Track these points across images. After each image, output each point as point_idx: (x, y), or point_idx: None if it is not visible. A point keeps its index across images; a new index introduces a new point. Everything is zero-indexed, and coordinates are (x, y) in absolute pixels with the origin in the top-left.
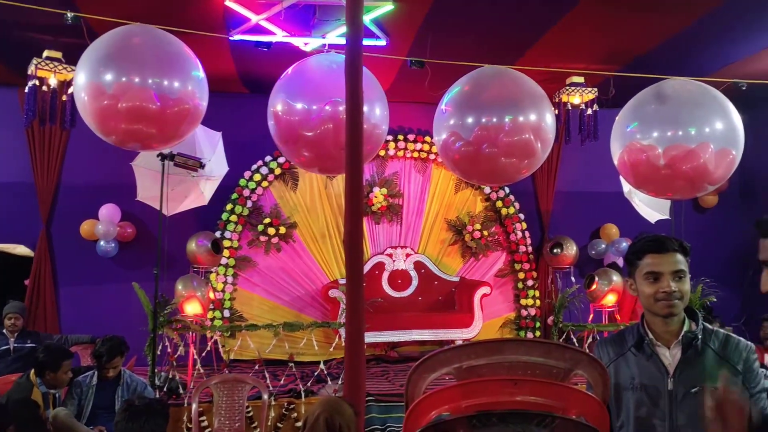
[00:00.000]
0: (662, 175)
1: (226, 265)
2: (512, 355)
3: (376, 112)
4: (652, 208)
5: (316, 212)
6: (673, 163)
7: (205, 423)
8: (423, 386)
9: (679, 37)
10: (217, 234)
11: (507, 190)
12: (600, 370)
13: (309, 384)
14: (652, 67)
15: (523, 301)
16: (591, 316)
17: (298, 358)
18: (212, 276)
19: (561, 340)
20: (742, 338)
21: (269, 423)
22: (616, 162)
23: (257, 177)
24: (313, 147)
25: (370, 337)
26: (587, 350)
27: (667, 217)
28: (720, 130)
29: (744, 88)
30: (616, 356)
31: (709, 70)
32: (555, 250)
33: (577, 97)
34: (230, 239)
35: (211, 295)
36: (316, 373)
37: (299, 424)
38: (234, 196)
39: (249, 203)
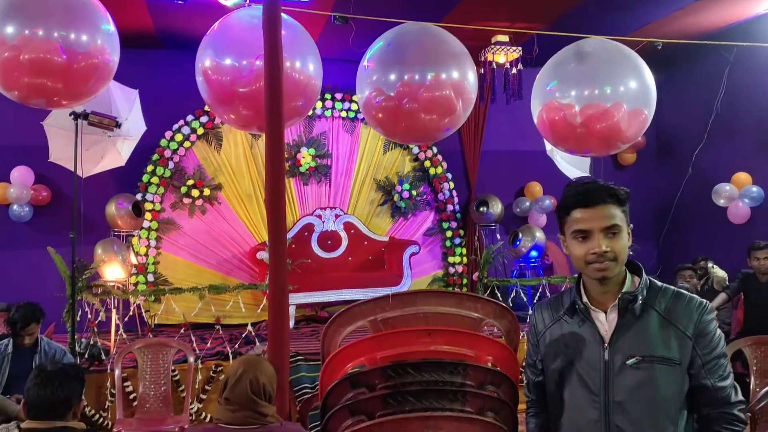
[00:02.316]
0: (578, 134)
1: (149, 229)
2: (425, 306)
3: (310, 66)
4: (573, 166)
5: (242, 173)
6: (589, 121)
7: (130, 388)
8: (339, 340)
9: None
10: (138, 196)
11: (435, 149)
12: (510, 318)
13: (237, 346)
14: (574, 26)
15: (450, 259)
16: (515, 271)
17: (226, 321)
18: (134, 240)
19: (486, 295)
20: (696, 296)
21: (197, 386)
22: (535, 120)
23: (179, 137)
24: (250, 104)
25: (300, 298)
26: (510, 304)
27: (587, 174)
28: (633, 90)
29: (660, 48)
30: (551, 322)
31: (627, 29)
32: (481, 209)
33: (502, 56)
34: (152, 201)
35: (133, 259)
36: (244, 335)
37: None
38: (155, 157)
39: (171, 164)
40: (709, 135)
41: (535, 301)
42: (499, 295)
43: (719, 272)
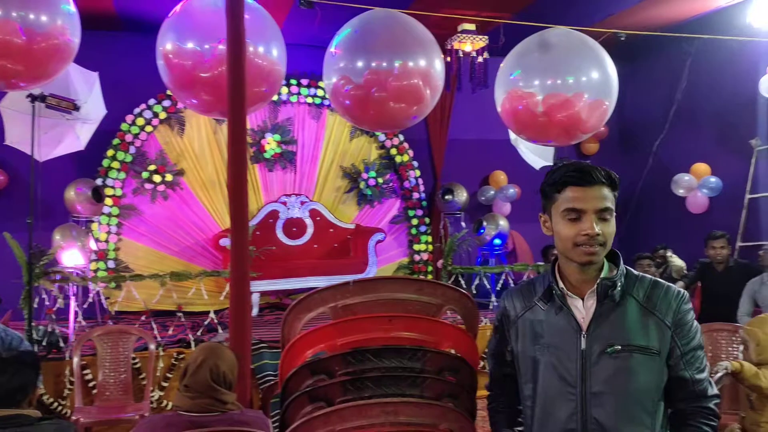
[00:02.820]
0: (539, 122)
1: (110, 214)
2: (387, 292)
3: (273, 51)
4: (536, 155)
5: (205, 159)
6: (551, 111)
7: (90, 376)
8: (299, 327)
9: None
10: (98, 181)
11: (401, 137)
12: (470, 304)
13: (199, 333)
14: (540, 16)
15: (416, 247)
16: (479, 259)
17: (188, 308)
18: (94, 225)
19: (450, 282)
20: (672, 284)
21: (158, 374)
22: (499, 108)
23: (140, 121)
24: (211, 89)
25: (264, 286)
26: (474, 291)
27: (550, 163)
28: (596, 81)
29: (623, 39)
30: (523, 310)
31: (591, 20)
32: (447, 197)
33: (469, 45)
34: (113, 187)
35: (93, 245)
36: (206, 323)
37: None
38: (116, 141)
39: (132, 149)
40: (670, 126)
41: (498, 288)
42: (463, 282)
43: (677, 261)
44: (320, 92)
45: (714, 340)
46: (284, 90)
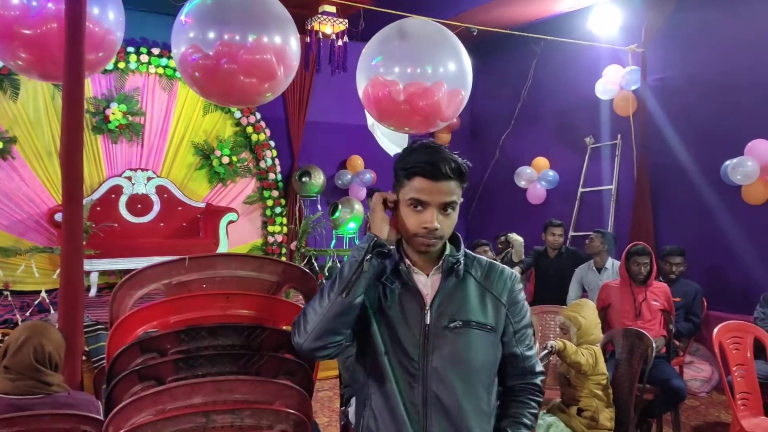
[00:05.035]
0: (401, 110)
1: None
2: (225, 270)
3: (110, 15)
4: (391, 142)
5: (41, 127)
6: (412, 99)
7: None
8: (129, 304)
9: None
10: None
11: (258, 115)
12: (311, 282)
13: (29, 314)
14: (399, 5)
15: (270, 228)
16: (333, 242)
17: (17, 287)
18: None
19: (303, 264)
20: (506, 266)
21: None
22: (361, 94)
23: None
24: (32, 48)
25: (104, 265)
26: (327, 273)
27: None
28: (452, 71)
29: (475, 34)
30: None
31: (448, 14)
32: (303, 179)
33: (329, 27)
34: None
35: None
36: (37, 302)
37: None
38: None
39: None
40: (516, 121)
41: None
42: (316, 265)
43: (517, 237)
44: (172, 63)
45: (544, 321)
46: (133, 58)
